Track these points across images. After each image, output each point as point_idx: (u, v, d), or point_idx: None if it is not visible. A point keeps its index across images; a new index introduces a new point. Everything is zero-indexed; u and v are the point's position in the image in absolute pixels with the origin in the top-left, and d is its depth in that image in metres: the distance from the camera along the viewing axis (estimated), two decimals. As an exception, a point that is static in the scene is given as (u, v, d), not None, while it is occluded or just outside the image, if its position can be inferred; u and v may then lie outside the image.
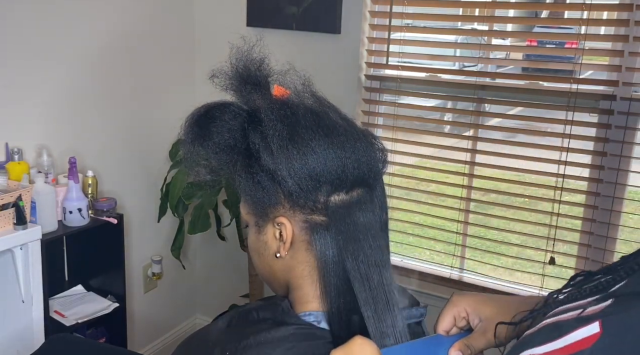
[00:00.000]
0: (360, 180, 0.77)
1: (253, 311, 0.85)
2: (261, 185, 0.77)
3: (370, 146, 0.79)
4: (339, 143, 0.76)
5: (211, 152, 0.78)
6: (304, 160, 0.74)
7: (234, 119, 0.78)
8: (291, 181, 0.75)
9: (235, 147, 0.78)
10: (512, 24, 7.66)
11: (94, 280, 2.21)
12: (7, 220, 1.71)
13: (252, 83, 0.81)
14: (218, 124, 0.78)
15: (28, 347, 1.76)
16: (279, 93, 0.81)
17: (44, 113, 2.04)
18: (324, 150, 0.75)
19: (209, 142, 0.78)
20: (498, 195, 2.40)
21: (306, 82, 0.82)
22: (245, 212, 0.83)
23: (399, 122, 2.34)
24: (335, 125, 0.78)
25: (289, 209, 0.77)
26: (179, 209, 2.32)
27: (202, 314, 2.98)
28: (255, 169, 0.77)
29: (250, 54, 0.82)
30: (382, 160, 0.81)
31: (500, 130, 2.46)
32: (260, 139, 0.76)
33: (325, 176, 0.75)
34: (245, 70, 0.81)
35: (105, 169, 2.28)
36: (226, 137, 0.78)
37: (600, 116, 2.03)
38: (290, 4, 2.35)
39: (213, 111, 0.79)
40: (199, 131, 0.79)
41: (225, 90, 0.82)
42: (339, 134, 0.77)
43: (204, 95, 0.84)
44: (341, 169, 0.75)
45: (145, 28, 2.40)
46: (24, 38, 1.94)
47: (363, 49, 2.34)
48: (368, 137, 0.80)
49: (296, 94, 0.81)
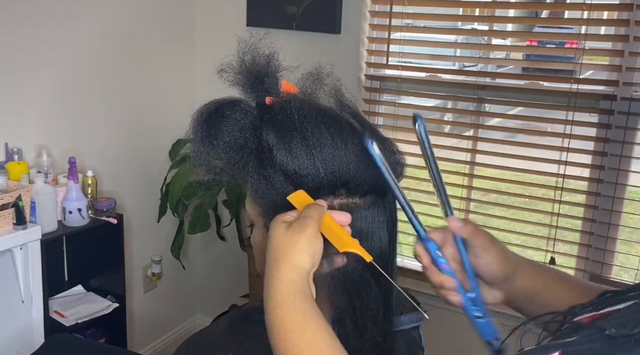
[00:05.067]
0: (375, 187, 0.76)
1: (254, 313, 0.84)
2: (274, 186, 0.75)
3: (392, 156, 0.77)
4: (362, 149, 0.73)
5: (222, 151, 0.75)
6: (322, 160, 0.72)
7: (245, 117, 0.76)
8: (308, 179, 0.73)
9: (246, 146, 0.75)
10: (512, 24, 7.66)
11: (93, 280, 2.21)
12: (7, 221, 1.71)
13: (261, 78, 0.78)
14: (229, 122, 0.75)
15: (28, 347, 1.75)
16: (286, 90, 0.79)
17: (44, 113, 2.04)
18: (343, 152, 0.73)
19: (219, 141, 0.75)
20: (498, 195, 2.40)
21: (336, 86, 0.80)
22: (254, 212, 0.80)
23: (399, 122, 2.34)
24: (356, 130, 0.76)
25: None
26: (179, 209, 2.32)
27: (202, 314, 2.97)
28: (268, 169, 0.74)
29: (258, 48, 0.79)
30: (399, 173, 0.78)
31: (500, 130, 2.46)
32: (275, 136, 0.74)
33: (342, 178, 0.73)
34: (254, 65, 0.78)
35: (105, 169, 2.28)
36: (237, 135, 0.75)
37: (601, 116, 2.03)
38: (290, 4, 2.34)
39: (224, 109, 0.76)
40: (209, 130, 0.76)
41: (233, 85, 0.79)
42: (361, 140, 0.74)
43: (203, 95, 0.83)
44: (359, 173, 0.74)
45: (145, 28, 2.40)
46: (24, 38, 1.94)
47: (363, 49, 2.34)
48: (390, 147, 0.78)
49: (305, 93, 0.79)
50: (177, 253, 2.44)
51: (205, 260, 2.90)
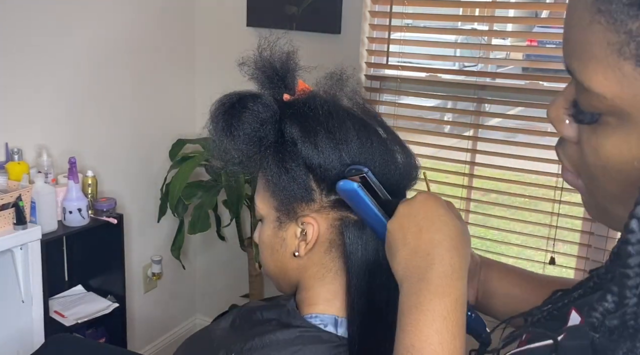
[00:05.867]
0: (391, 190, 0.77)
1: (257, 311, 0.84)
2: (295, 180, 0.75)
3: (409, 158, 0.80)
4: (384, 148, 0.77)
5: (241, 142, 0.75)
6: (349, 154, 0.74)
7: (266, 110, 0.75)
8: (332, 173, 0.74)
9: (265, 138, 0.75)
10: (512, 24, 7.65)
11: (93, 280, 2.21)
12: (7, 221, 1.71)
13: (283, 75, 0.79)
14: (251, 114, 0.75)
15: (28, 347, 1.76)
16: (302, 88, 0.79)
17: (44, 113, 2.04)
18: (368, 148, 0.75)
19: (240, 132, 0.75)
20: (498, 195, 2.40)
21: (356, 88, 0.82)
22: (267, 206, 0.80)
23: (399, 122, 2.34)
24: (378, 132, 0.78)
25: (320, 207, 0.76)
26: (179, 209, 2.32)
27: (202, 314, 2.97)
28: (289, 162, 0.75)
29: (277, 45, 0.80)
30: (415, 177, 0.81)
31: (500, 130, 2.46)
32: (299, 130, 0.74)
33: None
34: (274, 61, 0.79)
35: (105, 169, 2.28)
36: (257, 128, 0.75)
37: (601, 116, 2.03)
38: (290, 4, 2.34)
39: (246, 101, 0.76)
40: (231, 119, 0.75)
41: (252, 79, 0.79)
42: (383, 140, 0.78)
43: (204, 95, 0.83)
44: (384, 171, 0.76)
45: (146, 28, 2.40)
46: (24, 38, 1.94)
47: (363, 49, 2.34)
48: (407, 152, 0.80)
49: (327, 92, 0.80)
50: (177, 253, 2.44)
51: (205, 260, 2.90)
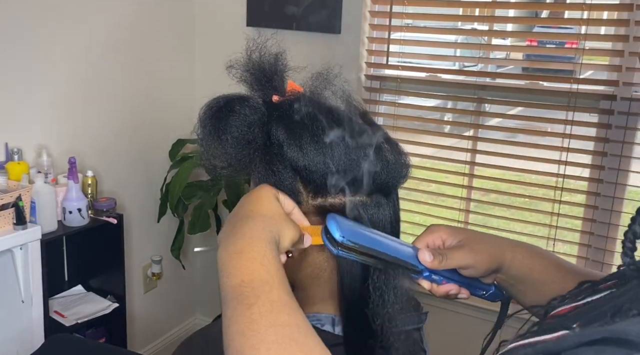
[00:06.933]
0: (381, 188, 0.77)
1: None
2: (283, 182, 0.75)
3: (399, 157, 0.78)
4: (371, 148, 0.75)
5: (229, 146, 0.75)
6: (332, 157, 0.73)
7: (253, 113, 0.76)
8: (317, 175, 0.74)
9: (253, 141, 0.75)
10: (512, 24, 7.65)
11: (93, 280, 2.21)
12: (7, 221, 1.71)
13: (270, 76, 0.78)
14: (238, 117, 0.75)
15: (28, 347, 1.75)
16: (292, 89, 0.79)
17: (44, 113, 2.04)
18: (353, 150, 0.74)
19: (227, 136, 0.75)
20: (498, 195, 2.40)
21: (344, 87, 0.80)
22: None
23: (399, 122, 2.34)
24: (366, 130, 0.77)
25: (307, 210, 0.76)
26: (179, 209, 2.32)
27: (202, 314, 2.97)
28: (277, 165, 0.75)
29: (266, 47, 0.79)
30: (404, 175, 0.80)
31: (500, 130, 2.46)
32: (285, 133, 0.74)
33: (350, 176, 0.74)
34: (263, 63, 0.79)
35: (105, 169, 2.28)
36: (245, 131, 0.75)
37: (601, 116, 2.03)
38: (290, 4, 2.34)
39: (233, 104, 0.76)
40: (218, 124, 0.75)
41: (240, 82, 0.79)
42: (370, 139, 0.76)
43: (203, 95, 0.83)
44: (370, 173, 0.75)
45: (145, 28, 2.40)
46: (24, 38, 1.94)
47: (363, 49, 2.34)
48: (397, 150, 0.79)
49: (314, 93, 0.79)
50: (177, 253, 2.44)
51: (205, 260, 2.90)
